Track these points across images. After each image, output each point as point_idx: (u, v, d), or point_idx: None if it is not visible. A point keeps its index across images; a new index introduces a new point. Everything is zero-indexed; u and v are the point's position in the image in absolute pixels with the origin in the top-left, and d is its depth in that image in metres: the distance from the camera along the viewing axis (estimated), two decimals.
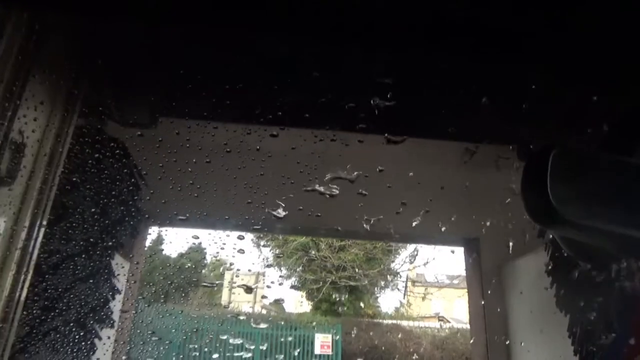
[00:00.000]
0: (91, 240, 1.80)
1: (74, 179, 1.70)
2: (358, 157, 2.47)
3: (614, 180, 0.85)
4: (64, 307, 1.76)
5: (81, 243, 1.79)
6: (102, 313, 2.01)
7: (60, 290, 1.72)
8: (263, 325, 15.70)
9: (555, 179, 0.74)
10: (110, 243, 1.97)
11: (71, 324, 1.80)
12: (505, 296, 2.79)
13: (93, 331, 2.02)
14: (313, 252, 15.56)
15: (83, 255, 1.79)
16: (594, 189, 0.82)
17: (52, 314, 1.71)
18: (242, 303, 24.04)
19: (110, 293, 2.07)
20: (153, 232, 3.44)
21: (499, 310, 2.76)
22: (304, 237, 14.51)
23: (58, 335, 1.74)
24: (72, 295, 1.75)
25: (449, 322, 19.58)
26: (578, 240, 0.95)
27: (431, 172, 2.57)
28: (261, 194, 2.62)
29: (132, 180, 2.14)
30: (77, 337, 1.89)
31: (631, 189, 0.85)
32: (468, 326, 3.07)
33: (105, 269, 1.98)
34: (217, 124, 1.88)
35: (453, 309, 20.36)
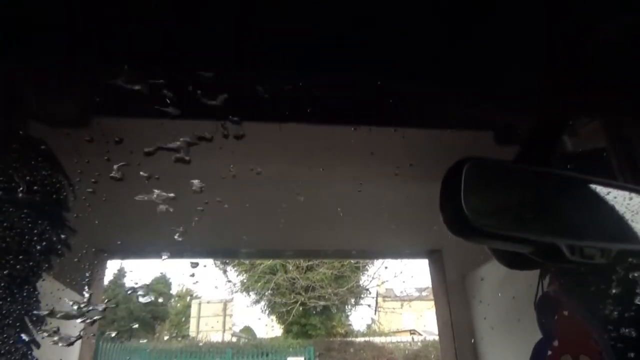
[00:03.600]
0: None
1: None
2: (315, 174, 2.48)
3: (525, 189, 0.91)
4: None
5: None
6: None
7: None
8: (234, 354, 15.34)
9: (469, 191, 0.78)
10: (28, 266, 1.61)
11: None
12: (470, 305, 2.83)
13: None
14: (280, 275, 15.40)
15: None
16: (506, 199, 0.87)
17: None
18: (211, 332, 23.48)
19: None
20: (112, 265, 3.32)
21: (465, 319, 2.80)
22: (270, 261, 14.35)
23: None
24: None
25: (420, 335, 19.70)
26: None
27: (389, 185, 2.61)
28: (225, 214, 2.58)
29: (57, 187, 1.79)
30: None
31: (542, 197, 0.90)
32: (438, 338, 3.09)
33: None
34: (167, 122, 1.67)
35: (424, 322, 20.53)
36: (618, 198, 0.96)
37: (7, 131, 1.56)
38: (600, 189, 0.96)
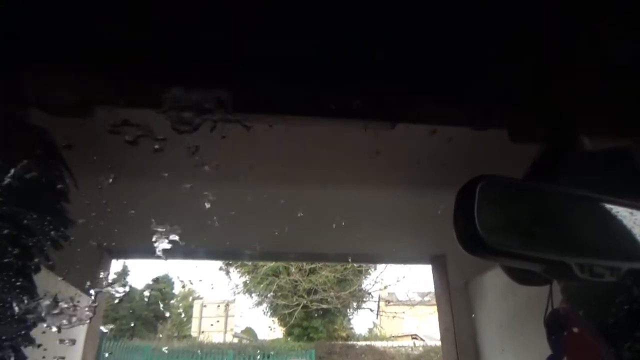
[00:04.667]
0: None
1: None
2: (320, 177, 2.48)
3: (538, 208, 0.91)
4: None
5: None
6: None
7: None
8: (235, 355, 15.34)
9: (482, 209, 0.78)
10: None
11: None
12: (473, 312, 2.82)
13: None
14: (283, 277, 15.40)
15: None
16: (519, 218, 0.88)
17: None
18: (212, 333, 23.51)
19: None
20: (116, 264, 3.33)
21: (468, 326, 2.79)
22: (273, 263, 14.36)
23: None
24: None
25: (422, 340, 19.64)
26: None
27: (394, 189, 2.61)
28: (229, 216, 2.58)
29: (56, 176, 1.70)
30: None
31: (552, 216, 0.91)
32: (440, 343, 3.08)
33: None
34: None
35: (426, 327, 20.46)
36: (628, 216, 0.96)
37: (5, 118, 1.54)
38: (610, 207, 0.97)
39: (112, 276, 3.36)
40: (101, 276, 2.79)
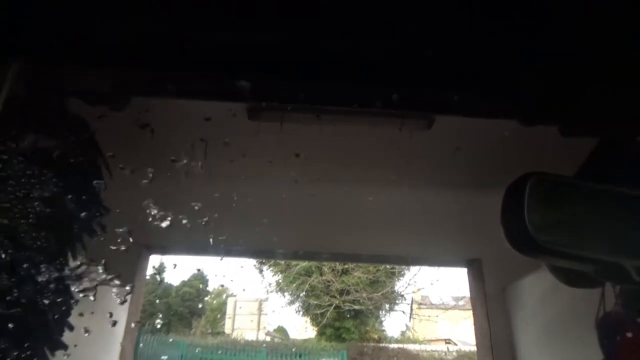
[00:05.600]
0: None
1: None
2: (355, 177, 2.47)
3: (590, 207, 0.87)
4: None
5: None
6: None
7: None
8: (268, 353, 15.49)
9: (533, 207, 0.76)
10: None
11: None
12: (510, 318, 2.74)
13: None
14: (315, 277, 15.44)
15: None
16: (570, 217, 0.84)
17: None
18: (245, 330, 23.81)
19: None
20: (154, 260, 3.41)
21: (504, 331, 2.72)
22: (306, 262, 14.41)
23: None
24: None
25: (456, 344, 19.29)
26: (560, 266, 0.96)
27: (431, 191, 2.57)
28: (263, 215, 2.60)
29: (94, 165, 1.73)
30: None
31: (606, 215, 0.86)
32: (475, 349, 3.01)
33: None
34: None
35: (460, 331, 20.09)
36: None
37: (47, 106, 1.59)
38: None
39: (150, 271, 3.45)
40: (141, 272, 2.87)
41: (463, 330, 19.16)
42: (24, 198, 1.43)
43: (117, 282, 1.66)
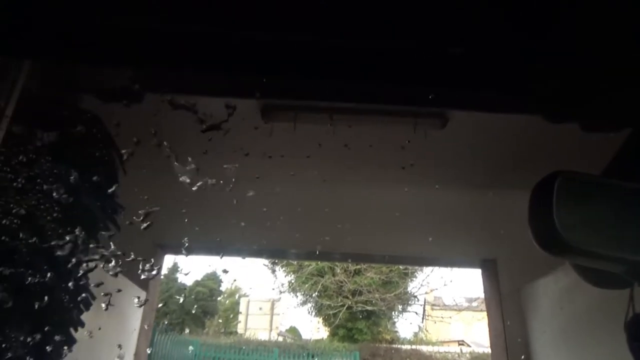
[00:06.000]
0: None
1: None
2: (368, 178, 2.46)
3: (619, 206, 0.85)
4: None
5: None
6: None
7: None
8: (281, 353, 15.52)
9: (561, 206, 0.74)
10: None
11: None
12: (526, 319, 2.72)
13: None
14: (328, 277, 15.42)
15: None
16: (599, 216, 0.82)
17: None
18: (258, 330, 23.87)
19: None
20: (168, 260, 3.44)
21: (519, 333, 2.70)
22: (319, 262, 14.41)
23: None
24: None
25: (469, 346, 19.12)
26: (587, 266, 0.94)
27: (445, 190, 2.55)
28: (277, 216, 2.59)
29: (107, 161, 1.71)
30: None
31: (636, 214, 0.84)
32: (489, 350, 2.99)
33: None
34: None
35: (473, 332, 19.90)
36: None
37: (59, 103, 1.57)
38: None
39: (164, 271, 3.48)
40: (154, 270, 2.90)
41: (476, 332, 18.97)
42: (41, 191, 1.43)
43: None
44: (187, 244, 2.96)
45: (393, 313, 18.06)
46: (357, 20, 0.83)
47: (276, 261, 15.85)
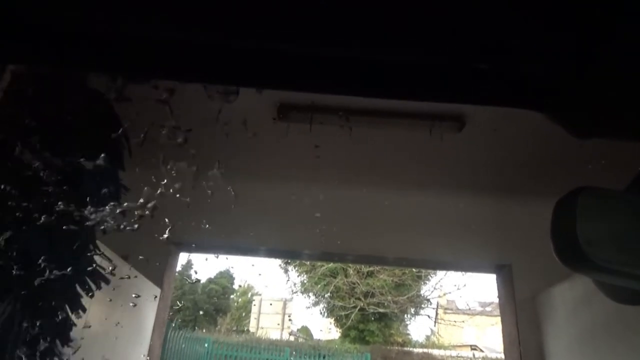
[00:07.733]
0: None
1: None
2: (382, 180, 2.45)
3: None
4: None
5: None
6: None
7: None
8: (292, 352, 15.55)
9: (584, 221, 0.73)
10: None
11: None
12: (541, 326, 2.68)
13: None
14: (340, 278, 15.41)
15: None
16: (624, 232, 0.80)
17: None
18: (269, 329, 23.96)
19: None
20: (182, 257, 3.47)
21: (534, 340, 2.66)
22: (331, 263, 14.41)
23: None
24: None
25: (482, 351, 18.94)
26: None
27: (460, 195, 2.53)
28: (290, 216, 2.59)
29: (114, 143, 1.68)
30: None
31: None
32: (502, 356, 2.96)
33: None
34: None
35: (486, 338, 19.71)
36: None
37: (68, 83, 1.54)
38: None
39: (177, 269, 3.51)
40: (170, 268, 2.93)
41: (489, 337, 18.79)
42: (44, 170, 1.42)
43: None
44: (200, 242, 2.99)
45: (405, 316, 17.98)
46: (371, 31, 0.83)
47: (289, 261, 15.90)
